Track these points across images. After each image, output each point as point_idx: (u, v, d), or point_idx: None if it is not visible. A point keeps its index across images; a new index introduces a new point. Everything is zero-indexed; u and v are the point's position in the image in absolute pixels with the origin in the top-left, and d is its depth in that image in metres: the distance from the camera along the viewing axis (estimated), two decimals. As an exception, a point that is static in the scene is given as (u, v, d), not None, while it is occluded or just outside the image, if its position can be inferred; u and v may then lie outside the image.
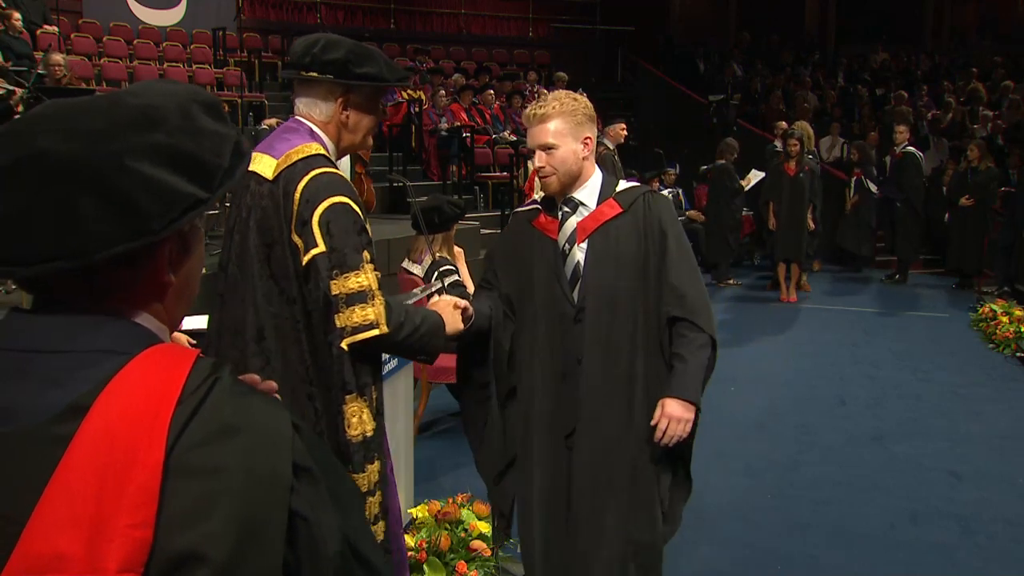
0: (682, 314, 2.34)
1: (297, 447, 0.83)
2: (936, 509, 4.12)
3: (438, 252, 4.85)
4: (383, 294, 2.08)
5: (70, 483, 0.75)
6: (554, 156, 2.34)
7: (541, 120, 2.34)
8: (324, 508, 0.84)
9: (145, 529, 0.74)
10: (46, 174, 0.80)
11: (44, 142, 0.81)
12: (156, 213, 0.82)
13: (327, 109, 2.15)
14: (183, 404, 0.79)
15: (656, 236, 2.37)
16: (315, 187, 2.04)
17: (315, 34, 2.21)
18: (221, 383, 0.82)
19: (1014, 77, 13.86)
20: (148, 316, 0.89)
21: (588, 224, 2.39)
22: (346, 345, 2.03)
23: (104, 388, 0.79)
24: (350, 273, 2.02)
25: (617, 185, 2.46)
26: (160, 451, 0.76)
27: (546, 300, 2.41)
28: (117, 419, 0.77)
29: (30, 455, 0.78)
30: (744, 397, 5.80)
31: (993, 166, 9.78)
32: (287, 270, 2.07)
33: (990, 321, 7.69)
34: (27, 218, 0.80)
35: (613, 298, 2.36)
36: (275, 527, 0.79)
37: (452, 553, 3.27)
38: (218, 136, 0.89)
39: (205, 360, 0.85)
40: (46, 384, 0.80)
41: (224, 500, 0.76)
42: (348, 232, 2.03)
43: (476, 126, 10.79)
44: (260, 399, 0.85)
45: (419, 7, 15.67)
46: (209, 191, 0.86)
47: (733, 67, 15.35)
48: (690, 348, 2.32)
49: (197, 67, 11.53)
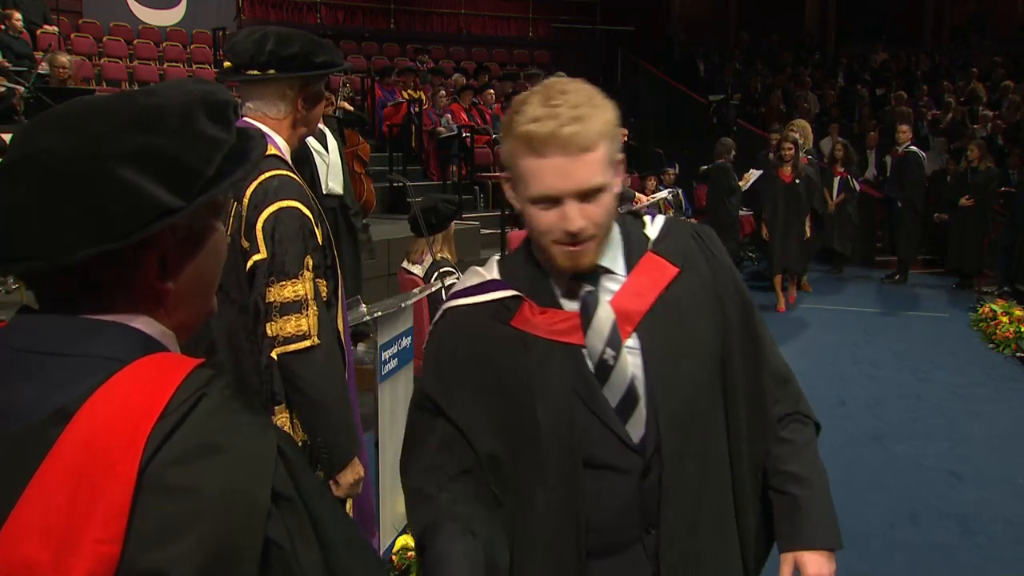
0: (794, 408, 1.56)
1: (279, 473, 0.79)
2: (936, 509, 4.12)
3: (439, 253, 4.85)
4: (318, 305, 2.01)
5: (46, 490, 0.73)
6: (600, 204, 1.31)
7: (578, 142, 1.26)
8: (304, 539, 0.81)
9: (113, 545, 0.72)
10: (41, 173, 0.79)
11: (44, 141, 0.80)
12: (122, 220, 0.80)
13: (284, 107, 2.08)
14: (165, 418, 0.76)
15: (734, 299, 1.47)
16: (263, 191, 1.98)
17: (248, 29, 2.13)
18: (209, 398, 0.80)
19: (1014, 77, 13.86)
20: (149, 320, 0.86)
21: (630, 304, 1.38)
22: (276, 355, 1.97)
23: (91, 395, 0.77)
24: (287, 281, 1.96)
25: (642, 225, 1.49)
26: (135, 465, 0.73)
27: (569, 454, 1.36)
28: (99, 428, 0.75)
29: (16, 457, 0.76)
30: (744, 397, 5.79)
31: (993, 166, 9.78)
32: (238, 278, 2.01)
33: (990, 321, 7.68)
34: (17, 215, 0.79)
35: (695, 420, 1.40)
36: (248, 553, 0.76)
37: (452, 553, 3.26)
38: (212, 142, 0.86)
39: (201, 372, 0.82)
40: (43, 386, 0.79)
41: (196, 521, 0.74)
42: (292, 239, 1.97)
43: (476, 126, 10.79)
44: (249, 418, 0.82)
45: (419, 7, 15.66)
46: (186, 200, 0.83)
47: (733, 67, 15.35)
48: (806, 458, 1.54)
49: (197, 67, 11.53)
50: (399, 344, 3.70)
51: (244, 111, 2.10)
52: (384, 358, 3.53)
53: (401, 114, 10.58)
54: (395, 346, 3.65)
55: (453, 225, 4.98)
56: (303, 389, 1.99)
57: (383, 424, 3.56)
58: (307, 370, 1.99)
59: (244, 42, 2.06)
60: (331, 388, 2.03)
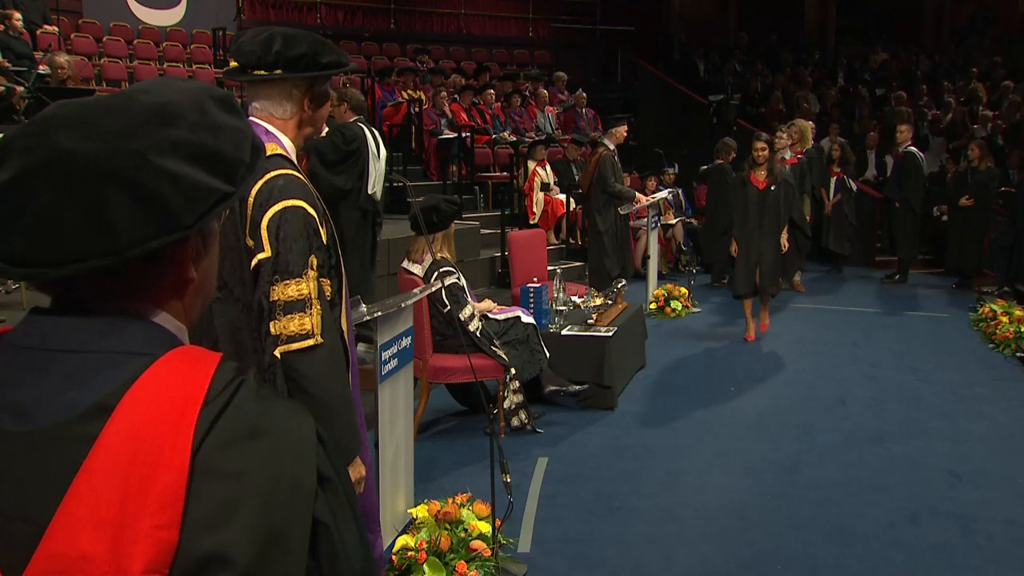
0: None
1: (321, 455, 0.82)
2: (936, 509, 4.12)
3: (439, 252, 4.86)
4: (322, 304, 2.03)
5: (94, 484, 0.74)
6: None
7: None
8: (345, 519, 0.84)
9: (171, 530, 0.73)
10: (72, 174, 0.79)
11: (66, 142, 0.80)
12: (185, 207, 0.82)
13: (291, 107, 2.10)
14: (209, 405, 0.78)
15: None
16: (268, 190, 2.00)
17: (253, 30, 2.14)
18: (247, 385, 0.82)
19: (1014, 77, 13.86)
20: (168, 316, 0.88)
21: None
22: (279, 354, 1.99)
23: (129, 388, 0.78)
24: (291, 280, 1.98)
25: None
26: (186, 452, 0.75)
27: None
28: (142, 420, 0.76)
29: (51, 455, 0.77)
30: (744, 397, 5.80)
31: (993, 166, 9.79)
32: (242, 276, 2.03)
33: (990, 321, 7.68)
34: (56, 219, 0.79)
35: None
36: (299, 533, 0.78)
37: (452, 553, 3.27)
38: (236, 131, 0.88)
39: (229, 363, 0.84)
40: (68, 383, 0.80)
41: (248, 504, 0.76)
42: (296, 237, 1.99)
43: (476, 126, 10.79)
44: (286, 404, 0.85)
45: (419, 7, 15.67)
46: (233, 185, 0.86)
47: (733, 67, 15.35)
48: None
49: (197, 67, 11.54)
50: (399, 344, 3.70)
51: (250, 111, 2.11)
52: (384, 358, 3.53)
53: (401, 114, 10.58)
54: (395, 346, 3.65)
55: (453, 225, 4.99)
56: (306, 388, 2.00)
57: (383, 424, 3.56)
58: (310, 368, 2.00)
59: (251, 42, 2.07)
60: (334, 386, 2.04)
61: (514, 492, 3.23)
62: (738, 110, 13.67)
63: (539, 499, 4.10)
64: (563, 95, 13.26)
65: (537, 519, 3.90)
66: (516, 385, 4.95)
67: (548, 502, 4.07)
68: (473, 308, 4.96)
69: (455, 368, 4.81)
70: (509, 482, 3.20)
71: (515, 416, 4.95)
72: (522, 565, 3.45)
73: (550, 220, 9.74)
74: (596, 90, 14.66)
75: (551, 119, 12.34)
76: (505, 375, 4.89)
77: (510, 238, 7.21)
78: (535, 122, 12.09)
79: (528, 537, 3.73)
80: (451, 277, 4.82)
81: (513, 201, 9.79)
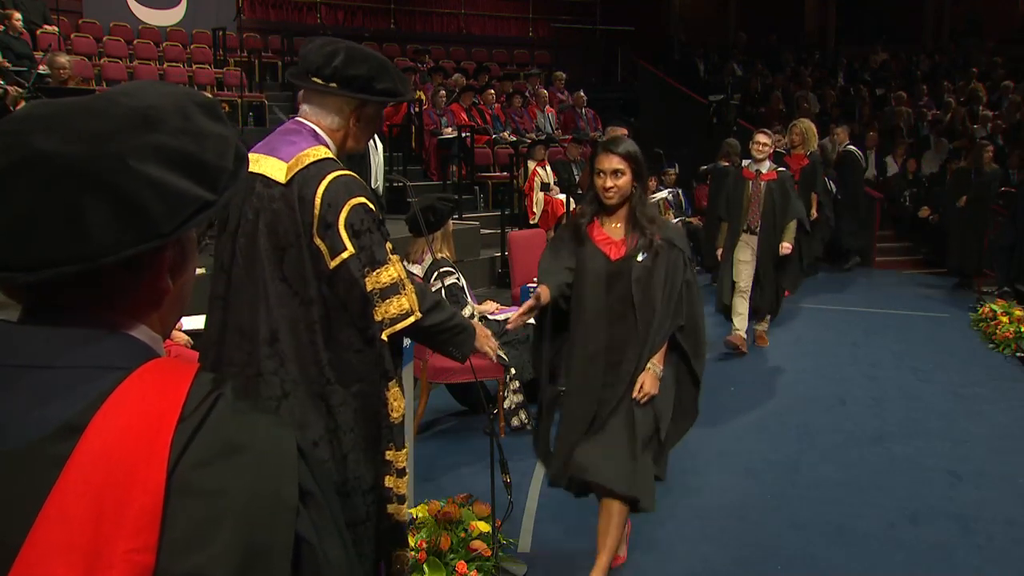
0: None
1: (302, 469, 0.80)
2: (936, 509, 4.12)
3: (438, 252, 4.86)
4: (411, 282, 2.20)
5: (66, 506, 0.71)
6: None
7: None
8: (329, 535, 0.81)
9: (147, 553, 0.71)
10: (49, 177, 0.77)
11: (43, 144, 0.77)
12: (165, 215, 0.79)
13: (339, 120, 2.21)
14: (185, 422, 0.75)
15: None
16: (335, 191, 2.11)
17: (326, 39, 2.25)
18: (224, 399, 0.79)
19: (1014, 77, 13.86)
20: (143, 327, 0.85)
21: None
22: (386, 336, 2.14)
23: (101, 406, 0.75)
24: (380, 268, 2.13)
25: None
26: (162, 471, 0.72)
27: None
28: (115, 438, 0.73)
29: (21, 477, 0.74)
30: (744, 397, 5.80)
31: (995, 166, 9.80)
32: (303, 273, 2.13)
33: (990, 321, 7.68)
34: (31, 222, 0.76)
35: None
36: (281, 551, 0.76)
37: (452, 553, 3.27)
38: (220, 138, 0.86)
39: (205, 375, 0.81)
40: (38, 401, 0.77)
41: (228, 522, 0.73)
42: (371, 230, 2.13)
43: (476, 126, 10.79)
44: (265, 418, 0.82)
45: (419, 7, 15.67)
46: (215, 193, 0.83)
47: (733, 67, 15.34)
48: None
49: (197, 67, 11.54)
50: (399, 344, 3.69)
51: (300, 111, 2.24)
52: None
53: (401, 114, 10.58)
54: (395, 346, 3.64)
55: (451, 223, 4.99)
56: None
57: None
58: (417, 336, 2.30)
59: (316, 51, 2.18)
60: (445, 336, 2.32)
61: (514, 492, 3.22)
62: (738, 110, 13.67)
63: (539, 499, 4.10)
64: (563, 95, 13.26)
65: (537, 519, 3.90)
66: (516, 385, 4.95)
67: (548, 502, 4.07)
68: (473, 308, 4.96)
69: (455, 368, 4.81)
70: (509, 482, 3.20)
71: (515, 416, 4.95)
72: (522, 565, 3.45)
73: (550, 220, 9.73)
74: (596, 90, 14.66)
75: (551, 119, 12.34)
76: (505, 375, 4.89)
77: (510, 238, 7.20)
78: (535, 122, 12.09)
79: (528, 537, 3.74)
80: (451, 277, 4.82)
81: (513, 201, 9.79)
